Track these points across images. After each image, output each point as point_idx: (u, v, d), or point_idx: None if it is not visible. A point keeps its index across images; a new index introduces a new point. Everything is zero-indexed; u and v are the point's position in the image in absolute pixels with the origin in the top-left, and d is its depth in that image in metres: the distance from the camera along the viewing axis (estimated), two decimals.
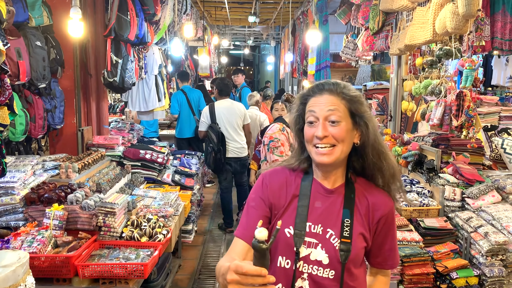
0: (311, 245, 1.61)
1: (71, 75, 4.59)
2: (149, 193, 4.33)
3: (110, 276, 2.98)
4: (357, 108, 1.62)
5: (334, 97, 1.61)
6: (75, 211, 3.30)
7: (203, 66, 11.55)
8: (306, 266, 1.61)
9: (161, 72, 6.17)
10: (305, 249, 1.61)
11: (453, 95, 3.98)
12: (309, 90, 1.68)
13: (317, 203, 1.66)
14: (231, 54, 25.47)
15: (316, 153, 1.61)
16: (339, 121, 1.58)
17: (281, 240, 1.63)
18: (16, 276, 1.74)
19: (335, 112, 1.58)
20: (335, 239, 1.61)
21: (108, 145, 4.86)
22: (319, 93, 1.63)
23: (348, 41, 7.14)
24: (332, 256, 1.60)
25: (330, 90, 1.62)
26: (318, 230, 1.62)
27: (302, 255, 1.60)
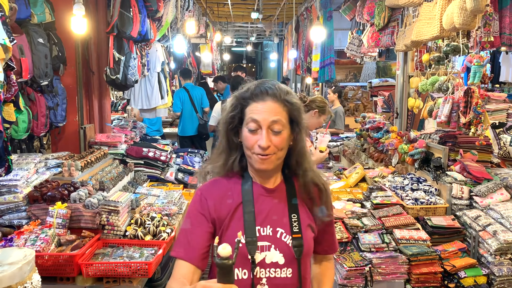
0: (264, 248, 1.60)
1: (73, 72, 4.60)
2: (153, 191, 4.32)
3: (114, 275, 2.98)
4: (296, 116, 1.63)
5: (278, 104, 1.59)
6: (78, 209, 3.30)
7: (206, 63, 11.57)
8: (263, 271, 1.60)
9: (163, 69, 6.18)
10: (259, 254, 1.60)
11: (460, 92, 3.98)
12: (250, 93, 1.61)
13: (261, 205, 1.65)
14: (233, 51, 25.48)
15: (257, 161, 1.60)
16: (282, 130, 1.59)
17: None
18: (22, 274, 1.75)
19: (278, 122, 1.58)
20: (286, 236, 1.63)
21: (111, 143, 4.87)
22: (262, 98, 1.59)
23: (353, 37, 7.14)
24: (287, 254, 1.61)
25: (273, 95, 1.59)
26: (268, 232, 1.62)
27: (257, 261, 1.59)
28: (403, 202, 3.81)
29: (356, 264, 3.12)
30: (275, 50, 19.74)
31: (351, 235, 3.42)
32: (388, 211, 3.64)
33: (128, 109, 8.30)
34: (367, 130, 6.01)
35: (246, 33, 18.61)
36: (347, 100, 9.89)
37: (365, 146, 6.14)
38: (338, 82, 11.17)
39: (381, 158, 5.38)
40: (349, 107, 9.48)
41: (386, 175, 4.59)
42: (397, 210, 3.65)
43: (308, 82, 11.54)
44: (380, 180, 4.44)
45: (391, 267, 3.17)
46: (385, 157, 5.28)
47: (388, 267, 3.17)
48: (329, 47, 8.49)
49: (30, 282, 1.77)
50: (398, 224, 3.48)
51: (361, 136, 6.32)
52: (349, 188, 4.74)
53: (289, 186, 1.70)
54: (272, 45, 20.76)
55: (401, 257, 3.20)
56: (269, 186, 1.69)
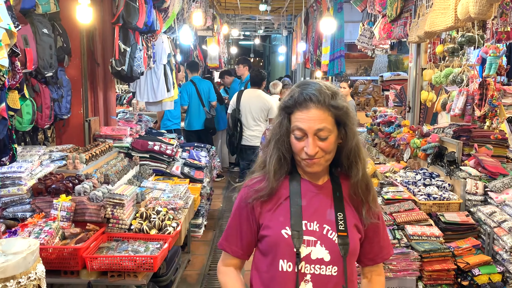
0: (310, 243, 1.63)
1: (78, 64, 4.61)
2: (158, 185, 4.34)
3: (118, 268, 3.01)
4: (344, 119, 1.64)
5: (322, 111, 1.60)
6: (83, 202, 3.33)
7: (212, 56, 11.56)
8: (308, 266, 1.62)
9: (170, 61, 6.18)
10: (305, 248, 1.62)
11: (475, 84, 3.94)
12: (293, 101, 1.63)
13: (309, 200, 1.68)
14: (240, 45, 25.45)
15: (306, 165, 1.66)
16: (328, 135, 1.61)
17: (280, 242, 1.64)
18: (26, 264, 1.76)
19: (324, 129, 1.60)
20: (332, 233, 1.65)
21: (116, 136, 4.88)
22: (305, 106, 1.61)
23: (364, 29, 7.10)
24: (333, 252, 1.63)
25: (317, 102, 1.60)
26: (315, 227, 1.65)
27: (303, 255, 1.62)
28: (415, 197, 3.79)
29: None
30: (284, 44, 19.69)
31: None
32: (399, 207, 3.63)
33: (133, 102, 8.33)
34: (378, 124, 5.98)
35: (254, 26, 18.57)
36: (357, 95, 9.85)
37: (376, 141, 6.12)
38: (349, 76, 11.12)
39: (393, 153, 5.36)
40: (359, 102, 9.45)
41: (397, 170, 4.57)
42: (409, 205, 3.63)
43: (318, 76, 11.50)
44: (392, 175, 4.42)
45: (402, 264, 3.15)
46: (397, 152, 5.25)
47: (400, 263, 3.15)
48: (339, 40, 8.45)
49: (34, 272, 1.78)
50: (410, 220, 3.46)
51: (372, 131, 6.29)
52: None
53: (336, 185, 1.72)
54: (281, 39, 20.71)
55: (413, 253, 3.18)
56: (318, 183, 1.73)
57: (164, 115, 7.38)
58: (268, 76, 27.59)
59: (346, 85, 7.79)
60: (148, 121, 5.88)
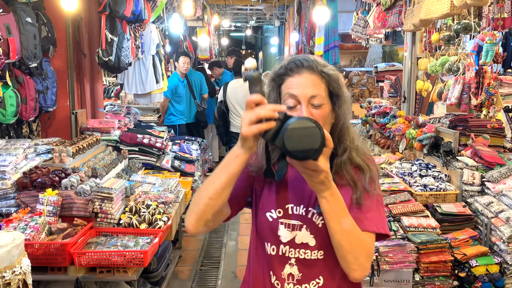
0: (295, 227, 1.60)
1: (64, 54, 4.57)
2: (148, 179, 4.32)
3: (107, 264, 2.99)
4: (335, 88, 1.58)
5: (315, 76, 1.54)
6: (70, 196, 3.30)
7: (203, 48, 11.49)
8: (292, 250, 1.60)
9: (158, 52, 6.14)
10: (290, 232, 1.60)
11: (472, 72, 3.95)
12: (284, 68, 1.57)
13: (297, 183, 1.62)
14: (232, 36, 25.35)
15: None
16: (322, 103, 1.54)
17: (265, 225, 1.63)
18: (11, 257, 1.74)
19: (318, 95, 1.53)
20: (317, 217, 1.59)
21: (104, 129, 4.85)
22: (297, 71, 1.55)
23: (358, 18, 7.09)
24: (318, 237, 1.58)
25: (309, 67, 1.55)
26: (301, 211, 1.60)
27: (287, 240, 1.60)
28: (411, 188, 3.79)
29: None
30: (276, 35, 19.65)
31: None
32: (395, 198, 3.63)
33: (121, 95, 8.28)
34: (373, 115, 5.99)
35: (246, 17, 18.50)
36: (351, 86, 9.84)
37: (371, 133, 6.12)
38: (342, 68, 11.12)
39: (388, 145, 5.36)
40: (354, 93, 9.44)
41: (393, 162, 4.57)
42: (404, 197, 3.64)
43: None
44: (387, 167, 4.42)
45: (399, 256, 3.16)
46: (392, 143, 5.26)
47: (396, 255, 3.16)
48: (333, 30, 8.44)
49: (19, 267, 1.76)
50: (406, 211, 3.47)
51: (367, 122, 6.30)
52: None
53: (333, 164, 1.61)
54: (273, 30, 20.65)
55: (409, 245, 3.19)
56: None
57: (168, 109, 7.38)
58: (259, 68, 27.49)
59: (342, 77, 7.78)
60: (137, 114, 5.84)
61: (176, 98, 7.45)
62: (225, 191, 1.47)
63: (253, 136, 1.36)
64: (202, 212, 1.50)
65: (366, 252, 1.52)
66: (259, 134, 1.36)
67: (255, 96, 1.35)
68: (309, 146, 1.30)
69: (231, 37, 25.09)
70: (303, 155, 1.31)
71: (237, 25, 21.08)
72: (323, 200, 1.45)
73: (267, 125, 1.34)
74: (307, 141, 1.30)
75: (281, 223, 1.60)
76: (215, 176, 1.48)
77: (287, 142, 1.29)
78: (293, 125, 1.29)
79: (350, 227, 1.48)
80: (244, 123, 1.35)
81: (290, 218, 1.60)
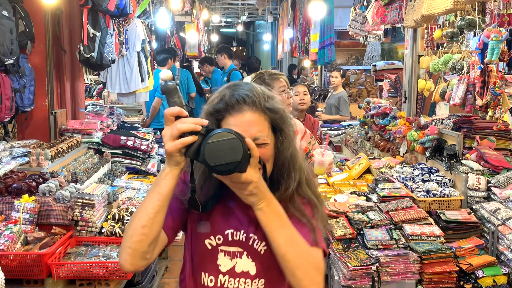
0: (236, 254, 1.58)
1: (42, 50, 4.54)
2: (132, 184, 4.32)
3: (88, 276, 2.98)
4: (279, 124, 1.56)
5: (258, 114, 1.52)
6: (48, 203, 3.28)
7: (191, 44, 11.48)
8: (232, 280, 1.58)
9: (144, 48, 6.09)
10: (230, 260, 1.58)
11: (477, 71, 3.94)
12: (224, 104, 1.52)
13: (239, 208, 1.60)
14: (222, 32, 25.39)
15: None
16: (265, 143, 1.52)
17: (202, 254, 1.60)
18: None
19: (261, 135, 1.51)
20: (258, 243, 1.58)
21: (85, 130, 4.84)
22: (239, 109, 1.51)
23: (356, 13, 7.09)
24: (259, 263, 1.58)
25: (252, 104, 1.51)
26: (241, 237, 1.59)
27: (227, 269, 1.58)
28: (413, 194, 3.78)
29: (361, 263, 3.08)
30: (269, 31, 19.67)
31: (356, 231, 3.39)
32: (396, 204, 3.61)
33: (104, 94, 8.21)
34: (371, 116, 5.98)
35: (237, 12, 18.50)
36: (349, 85, 9.86)
37: (370, 135, 6.11)
38: (339, 66, 11.13)
39: (388, 147, 5.36)
40: (351, 93, 9.45)
41: (393, 166, 4.56)
42: (406, 203, 3.61)
43: (306, 65, 11.50)
44: (387, 171, 4.40)
45: (400, 266, 3.14)
46: (392, 146, 5.25)
47: (398, 266, 3.14)
48: (329, 26, 8.45)
49: None
50: (408, 219, 3.45)
51: (365, 124, 6.28)
52: (352, 180, 4.71)
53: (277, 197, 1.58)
54: (266, 26, 20.67)
55: (411, 255, 3.16)
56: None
57: (159, 111, 7.30)
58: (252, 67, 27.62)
59: (338, 75, 7.77)
60: (121, 114, 5.80)
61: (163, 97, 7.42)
62: (159, 215, 1.46)
63: (178, 151, 1.39)
64: (137, 244, 1.46)
65: (315, 266, 1.50)
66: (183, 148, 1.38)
67: (173, 109, 1.37)
68: (231, 159, 1.33)
69: (221, 33, 25.13)
70: (226, 168, 1.34)
71: (227, 20, 21.10)
72: (259, 212, 1.46)
73: (191, 138, 1.37)
74: (228, 154, 1.33)
75: (221, 250, 1.59)
76: (146, 201, 1.47)
77: (208, 157, 1.32)
78: (212, 139, 1.33)
79: (294, 239, 1.48)
80: (166, 139, 1.38)
81: (230, 245, 1.58)
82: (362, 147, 5.99)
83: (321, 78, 10.94)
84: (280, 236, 1.47)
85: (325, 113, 7.92)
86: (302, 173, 1.59)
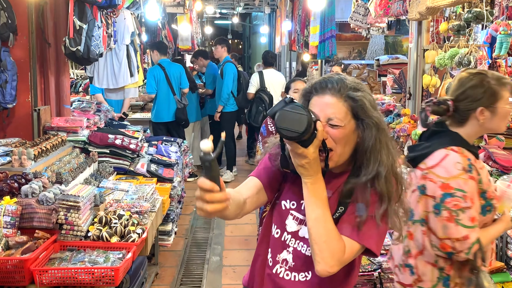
0: (302, 222, 1.92)
1: (26, 43, 4.54)
2: (120, 186, 4.33)
3: (73, 283, 2.98)
4: (359, 113, 1.82)
5: (337, 99, 1.81)
6: (31, 205, 3.28)
7: (184, 37, 11.46)
8: (293, 240, 1.94)
9: (133, 41, 6.10)
10: (296, 225, 1.94)
11: (484, 66, 3.95)
12: (311, 87, 1.88)
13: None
14: (216, 24, 25.33)
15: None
16: (339, 125, 1.79)
17: (276, 210, 2.00)
18: None
19: (335, 117, 1.79)
20: None
21: (70, 128, 4.83)
22: (321, 92, 1.84)
23: (358, 5, 7.09)
24: None
25: (333, 89, 1.82)
26: None
27: (291, 230, 1.95)
28: None
29: (363, 269, 3.09)
30: (266, 23, 19.65)
31: None
32: None
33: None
34: None
35: (232, 3, 18.46)
36: None
37: None
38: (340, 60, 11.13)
39: None
40: None
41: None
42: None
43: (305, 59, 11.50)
44: None
45: None
46: (396, 144, 5.25)
47: None
48: (329, 18, 8.43)
49: None
50: None
51: None
52: None
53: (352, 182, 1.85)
54: (263, 17, 20.66)
55: None
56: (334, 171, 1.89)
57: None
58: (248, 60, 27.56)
59: (339, 70, 7.78)
60: (108, 111, 5.80)
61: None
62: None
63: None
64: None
65: (333, 250, 1.74)
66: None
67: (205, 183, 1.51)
68: (294, 128, 1.64)
69: (216, 25, 25.07)
70: (288, 134, 1.65)
71: (222, 11, 21.03)
72: (303, 185, 1.79)
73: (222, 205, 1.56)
74: (293, 124, 1.64)
75: (291, 214, 1.95)
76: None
77: (278, 119, 1.66)
78: (288, 108, 1.66)
79: (322, 219, 1.76)
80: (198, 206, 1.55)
81: (300, 213, 1.93)
82: None
83: (321, 73, 10.93)
84: (311, 211, 1.77)
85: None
86: (383, 168, 1.80)
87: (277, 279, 1.95)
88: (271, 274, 1.97)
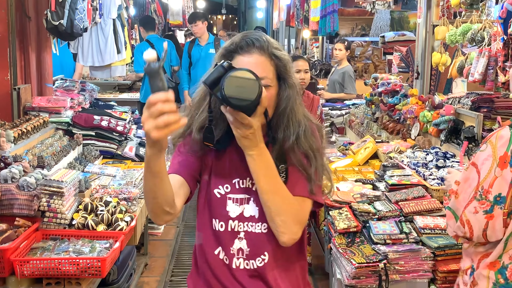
0: (243, 201, 1.91)
1: (4, 17, 4.50)
2: (107, 170, 4.35)
3: (57, 274, 2.99)
4: (283, 72, 1.86)
5: (265, 57, 1.83)
6: (11, 191, 3.27)
7: (174, 11, 11.43)
8: (241, 224, 1.90)
9: (120, 15, 6.06)
10: (238, 206, 1.90)
11: (499, 43, 3.93)
12: (235, 45, 1.84)
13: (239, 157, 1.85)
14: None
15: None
16: (268, 85, 1.81)
17: (212, 202, 1.93)
18: None
19: (265, 76, 1.80)
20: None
21: (53, 108, 4.82)
22: (248, 50, 1.82)
23: None
24: (261, 208, 1.86)
25: (260, 48, 1.82)
26: (247, 184, 1.91)
27: (236, 214, 1.90)
28: (426, 182, 3.79)
29: (367, 260, 3.08)
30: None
31: (361, 223, 3.39)
32: (407, 194, 3.62)
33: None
34: (379, 94, 5.98)
35: None
36: (354, 59, 9.84)
37: (377, 115, 6.12)
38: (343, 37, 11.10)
39: (398, 129, 5.37)
40: (356, 68, 9.44)
41: (404, 150, 4.57)
42: (418, 192, 3.62)
43: (305, 36, 11.46)
44: (397, 156, 4.41)
45: (411, 263, 3.14)
46: (403, 127, 5.26)
47: (408, 263, 3.14)
48: None
49: None
50: (420, 210, 3.46)
51: (372, 103, 6.29)
52: (357, 166, 4.71)
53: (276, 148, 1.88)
54: None
55: (424, 250, 3.17)
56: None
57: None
58: None
59: (343, 47, 7.73)
60: (94, 91, 5.78)
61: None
62: (162, 187, 1.70)
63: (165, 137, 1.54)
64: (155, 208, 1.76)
65: (294, 216, 1.82)
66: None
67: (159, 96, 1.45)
68: (246, 96, 1.60)
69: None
70: (239, 103, 1.60)
71: None
72: (249, 158, 1.77)
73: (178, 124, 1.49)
74: (245, 92, 1.60)
75: (229, 198, 1.90)
76: (145, 179, 1.71)
77: (226, 88, 1.59)
78: (235, 74, 1.61)
79: (277, 188, 1.80)
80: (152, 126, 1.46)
81: (237, 193, 1.90)
82: (369, 129, 5.99)
83: (322, 50, 10.92)
84: (265, 184, 1.79)
85: (328, 90, 7.89)
86: (301, 128, 1.86)
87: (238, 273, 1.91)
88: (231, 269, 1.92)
